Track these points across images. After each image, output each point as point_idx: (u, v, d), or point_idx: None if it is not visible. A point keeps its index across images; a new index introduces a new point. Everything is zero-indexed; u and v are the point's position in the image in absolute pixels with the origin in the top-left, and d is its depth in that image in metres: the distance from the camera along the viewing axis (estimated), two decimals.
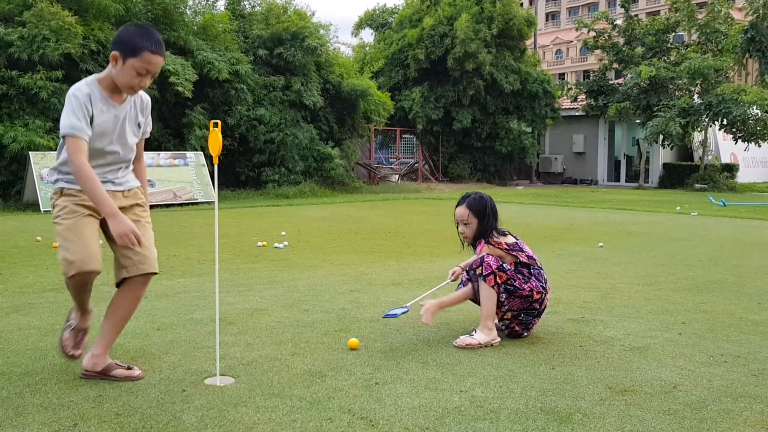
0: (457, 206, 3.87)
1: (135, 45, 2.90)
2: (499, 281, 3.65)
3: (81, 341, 3.26)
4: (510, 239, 3.82)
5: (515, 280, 3.67)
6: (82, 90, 2.96)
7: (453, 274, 4.08)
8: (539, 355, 3.45)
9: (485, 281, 3.65)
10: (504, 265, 3.70)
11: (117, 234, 2.84)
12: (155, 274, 3.16)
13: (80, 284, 3.05)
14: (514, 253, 3.75)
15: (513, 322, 3.74)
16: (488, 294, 3.66)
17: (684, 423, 2.58)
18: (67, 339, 3.22)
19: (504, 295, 3.67)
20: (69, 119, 2.95)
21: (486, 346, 3.59)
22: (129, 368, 3.07)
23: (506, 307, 3.69)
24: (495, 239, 3.77)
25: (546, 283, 3.79)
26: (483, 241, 3.78)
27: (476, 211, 3.78)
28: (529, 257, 3.78)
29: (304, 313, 4.33)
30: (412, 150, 24.84)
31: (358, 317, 4.21)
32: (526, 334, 3.81)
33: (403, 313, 3.87)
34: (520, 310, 3.70)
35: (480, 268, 3.68)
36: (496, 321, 3.75)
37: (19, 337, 3.72)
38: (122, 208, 3.01)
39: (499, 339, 3.67)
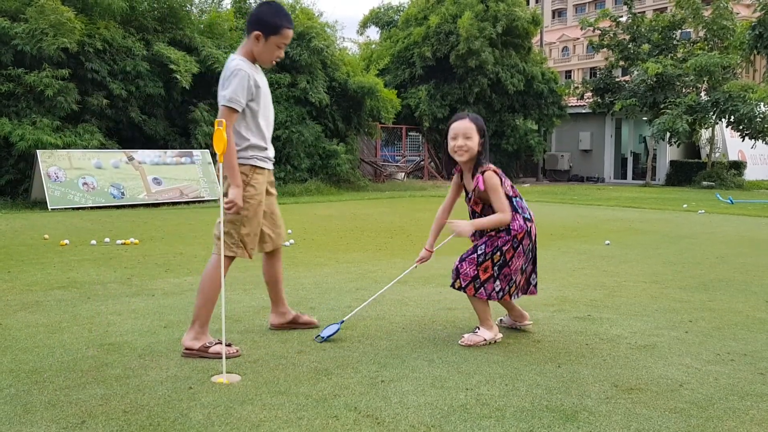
0: (454, 122, 3.65)
1: (276, 24, 3.32)
2: (483, 277, 3.53)
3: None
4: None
5: (504, 255, 3.54)
6: (245, 66, 3.28)
7: (420, 260, 3.89)
8: (545, 353, 3.45)
9: (466, 292, 3.60)
10: (485, 253, 3.53)
11: (231, 199, 3.27)
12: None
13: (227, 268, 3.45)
14: (504, 181, 3.58)
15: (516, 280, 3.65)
16: (475, 302, 3.63)
17: (690, 421, 2.57)
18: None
19: (496, 273, 3.55)
20: (234, 92, 3.23)
21: (491, 342, 3.59)
22: (229, 345, 3.36)
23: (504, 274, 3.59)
24: (486, 166, 3.57)
25: (528, 212, 3.65)
26: (480, 174, 3.54)
27: (479, 127, 3.60)
28: (511, 186, 3.65)
29: (310, 311, 4.34)
30: (418, 148, 24.81)
31: (364, 315, 4.21)
32: (533, 284, 3.78)
33: (336, 331, 3.65)
34: (516, 270, 3.60)
35: (458, 281, 3.57)
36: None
37: (27, 334, 3.74)
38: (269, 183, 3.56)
39: (501, 335, 3.68)
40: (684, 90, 22.38)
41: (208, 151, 14.33)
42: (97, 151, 12.91)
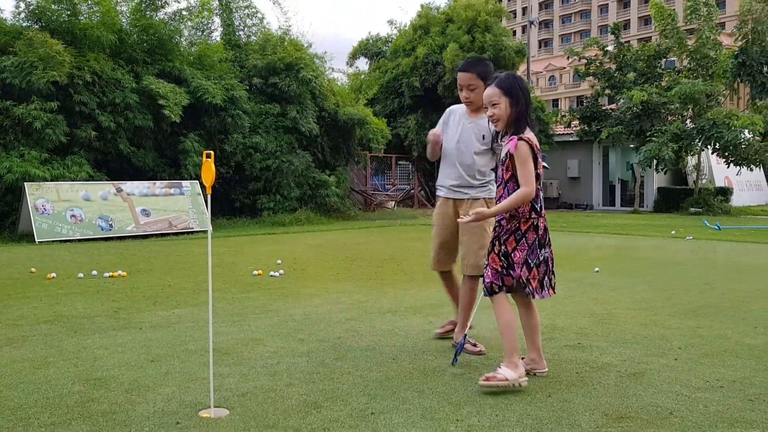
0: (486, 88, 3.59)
1: (455, 74, 4.39)
2: (491, 264, 3.49)
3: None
4: (532, 135, 3.47)
5: (505, 245, 3.48)
6: (454, 108, 4.26)
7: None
8: (535, 382, 3.44)
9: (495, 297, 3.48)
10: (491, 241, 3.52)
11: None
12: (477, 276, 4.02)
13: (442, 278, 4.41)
14: (537, 155, 3.44)
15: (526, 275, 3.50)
16: (505, 323, 3.43)
17: None
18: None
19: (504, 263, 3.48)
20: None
21: (514, 385, 3.27)
22: (474, 345, 4.01)
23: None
24: (527, 135, 3.42)
25: (540, 203, 3.53)
26: (515, 137, 3.40)
27: (505, 89, 3.44)
28: (541, 167, 3.52)
29: (300, 343, 4.31)
30: (407, 176, 24.90)
31: (354, 346, 4.19)
32: (550, 285, 3.62)
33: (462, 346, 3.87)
34: (519, 263, 3.48)
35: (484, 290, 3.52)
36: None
37: (12, 370, 3.69)
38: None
39: (526, 379, 3.35)
40: (669, 118, 22.63)
41: (197, 181, 14.32)
42: (85, 183, 12.88)
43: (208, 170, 3.12)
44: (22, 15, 14.19)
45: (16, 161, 12.31)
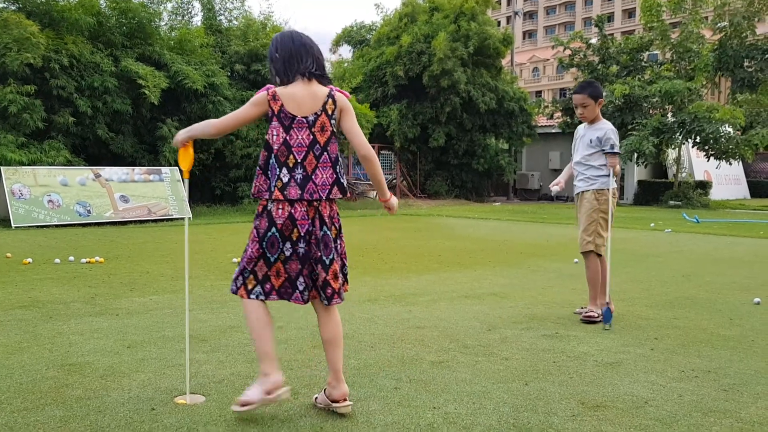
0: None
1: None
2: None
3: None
4: None
5: (251, 234, 2.89)
6: (577, 128, 5.21)
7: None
8: (513, 371, 3.45)
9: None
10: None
11: None
12: (587, 252, 4.89)
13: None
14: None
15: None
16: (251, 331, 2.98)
17: None
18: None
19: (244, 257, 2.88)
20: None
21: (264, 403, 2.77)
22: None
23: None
24: (286, 89, 2.83)
25: (289, 179, 2.80)
26: (339, 90, 2.95)
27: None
28: (280, 125, 2.81)
29: (278, 330, 4.29)
30: (389, 166, 24.85)
31: None
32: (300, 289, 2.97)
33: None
34: (252, 258, 2.89)
35: None
36: None
37: None
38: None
39: (280, 392, 2.76)
40: (651, 111, 22.77)
41: (177, 168, 14.18)
42: (63, 168, 12.71)
43: (186, 155, 3.08)
44: None
45: None
